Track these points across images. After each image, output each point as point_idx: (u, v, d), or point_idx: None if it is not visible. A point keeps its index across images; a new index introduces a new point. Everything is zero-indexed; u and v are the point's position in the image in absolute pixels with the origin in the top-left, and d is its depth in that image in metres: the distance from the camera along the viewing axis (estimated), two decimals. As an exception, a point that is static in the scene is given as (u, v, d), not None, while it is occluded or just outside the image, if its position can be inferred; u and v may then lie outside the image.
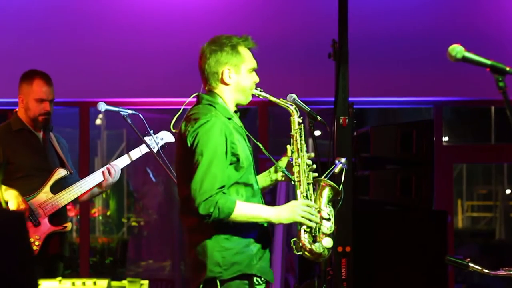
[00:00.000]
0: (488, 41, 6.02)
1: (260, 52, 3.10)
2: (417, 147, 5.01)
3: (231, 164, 2.97)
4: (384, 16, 6.13)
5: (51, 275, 3.65)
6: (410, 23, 6.13)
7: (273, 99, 3.08)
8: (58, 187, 3.97)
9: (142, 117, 3.98)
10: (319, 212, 3.03)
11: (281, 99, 3.10)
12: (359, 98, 5.97)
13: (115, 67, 6.03)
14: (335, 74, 4.49)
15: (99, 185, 4.03)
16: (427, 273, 4.89)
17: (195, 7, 6.11)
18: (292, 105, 3.09)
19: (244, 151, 3.01)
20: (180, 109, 3.20)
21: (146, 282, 3.08)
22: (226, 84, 3.05)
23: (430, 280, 4.91)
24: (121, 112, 3.97)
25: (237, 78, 3.05)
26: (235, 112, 3.14)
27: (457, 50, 2.12)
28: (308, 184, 3.05)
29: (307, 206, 3.00)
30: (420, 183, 4.99)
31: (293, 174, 3.08)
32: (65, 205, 4.00)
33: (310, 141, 3.73)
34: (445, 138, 7.45)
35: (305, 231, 3.00)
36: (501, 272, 3.03)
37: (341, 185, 3.10)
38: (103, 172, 3.97)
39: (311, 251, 3.00)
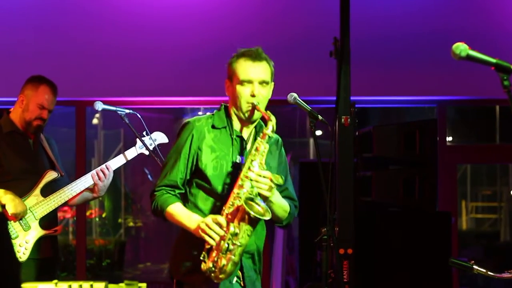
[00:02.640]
0: (492, 40, 5.99)
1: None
2: (420, 147, 4.97)
3: (195, 169, 3.04)
4: (386, 14, 6.11)
5: (43, 279, 3.61)
6: (413, 21, 6.10)
7: (262, 111, 3.01)
8: (48, 189, 3.95)
9: (139, 116, 3.98)
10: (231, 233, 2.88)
11: (268, 111, 3.01)
12: (361, 97, 5.94)
13: (112, 66, 6.01)
14: (337, 73, 4.44)
15: (91, 189, 3.98)
16: (431, 276, 4.85)
17: (195, 6, 6.08)
18: (272, 119, 2.98)
19: (214, 160, 3.02)
20: (178, 108, 3.21)
21: (144, 285, 3.05)
22: (228, 97, 3.13)
23: (433, 282, 4.87)
24: (118, 112, 3.99)
25: (231, 92, 3.08)
26: (261, 129, 3.07)
27: (461, 48, 2.10)
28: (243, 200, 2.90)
29: (216, 223, 2.88)
30: (423, 184, 4.94)
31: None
32: (56, 208, 3.97)
33: (312, 141, 3.67)
34: (449, 138, 7.41)
35: (207, 249, 2.91)
36: (506, 275, 3.00)
37: (266, 207, 2.91)
38: (92, 175, 3.93)
39: (202, 268, 2.90)
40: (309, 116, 3.17)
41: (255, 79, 3.03)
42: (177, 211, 3.00)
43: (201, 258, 2.91)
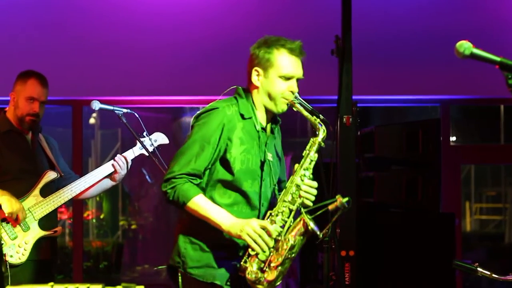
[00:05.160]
0: (496, 39, 5.97)
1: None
2: (423, 147, 4.94)
3: (221, 160, 2.91)
4: (389, 12, 6.09)
5: (41, 281, 3.56)
6: (416, 19, 6.08)
7: (306, 113, 2.94)
8: (47, 190, 3.91)
9: (137, 116, 3.96)
10: (277, 241, 2.84)
11: (314, 117, 2.94)
12: (363, 97, 5.92)
13: (110, 64, 6.01)
14: (338, 72, 4.39)
15: (111, 177, 3.96)
16: (434, 278, 4.84)
17: (194, 5, 6.06)
18: (323, 128, 2.92)
19: (242, 154, 2.92)
20: (176, 108, 3.13)
21: (141, 287, 2.98)
22: (255, 86, 2.98)
23: (437, 285, 4.87)
24: (115, 111, 3.94)
25: (264, 82, 2.96)
26: (274, 121, 3.05)
27: (465, 46, 2.06)
28: (290, 210, 2.89)
29: (262, 228, 2.82)
30: (426, 184, 4.92)
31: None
32: (56, 209, 3.94)
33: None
34: (453, 138, 7.37)
35: (250, 254, 2.85)
36: (510, 277, 2.99)
37: (328, 228, 2.90)
38: (113, 163, 3.90)
39: (246, 276, 2.84)
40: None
41: (296, 75, 2.98)
42: (203, 204, 2.85)
43: (242, 263, 2.84)
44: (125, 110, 3.93)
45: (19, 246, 3.76)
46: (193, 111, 7.60)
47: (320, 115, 3.08)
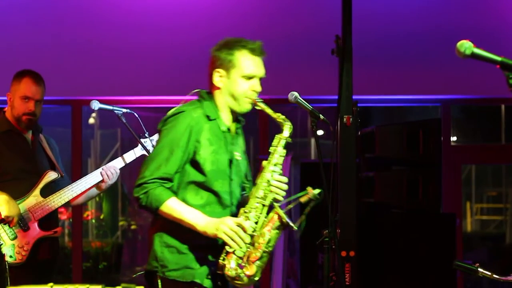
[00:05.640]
0: (497, 38, 5.96)
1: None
2: (424, 147, 4.92)
3: (191, 162, 2.95)
4: (389, 11, 6.08)
5: (41, 281, 3.55)
6: (416, 19, 6.07)
7: (269, 111, 3.01)
8: (48, 190, 3.90)
9: (137, 116, 3.95)
10: (253, 236, 2.89)
11: (278, 114, 3.01)
12: (364, 96, 5.91)
13: (110, 64, 6.00)
14: (339, 71, 4.38)
15: (98, 186, 3.96)
16: (435, 279, 4.81)
17: (194, 4, 6.05)
18: (288, 123, 3.00)
19: (212, 154, 2.97)
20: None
21: (141, 288, 2.97)
22: (217, 87, 3.05)
23: (437, 285, 4.84)
24: (115, 111, 3.96)
25: (227, 82, 3.02)
26: (237, 121, 3.10)
27: (466, 46, 2.05)
28: (263, 205, 2.94)
29: (238, 225, 2.86)
30: (427, 184, 4.90)
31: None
32: (56, 209, 3.94)
33: (313, 141, 3.61)
34: (454, 138, 7.36)
35: (227, 251, 2.88)
36: (511, 278, 2.96)
37: (301, 218, 2.98)
38: (101, 173, 3.91)
39: (226, 273, 2.88)
40: (310, 116, 3.12)
41: (258, 74, 3.03)
42: (176, 207, 2.90)
43: (220, 260, 2.88)
44: (124, 110, 3.94)
45: (19, 247, 3.76)
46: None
47: (321, 115, 3.09)
